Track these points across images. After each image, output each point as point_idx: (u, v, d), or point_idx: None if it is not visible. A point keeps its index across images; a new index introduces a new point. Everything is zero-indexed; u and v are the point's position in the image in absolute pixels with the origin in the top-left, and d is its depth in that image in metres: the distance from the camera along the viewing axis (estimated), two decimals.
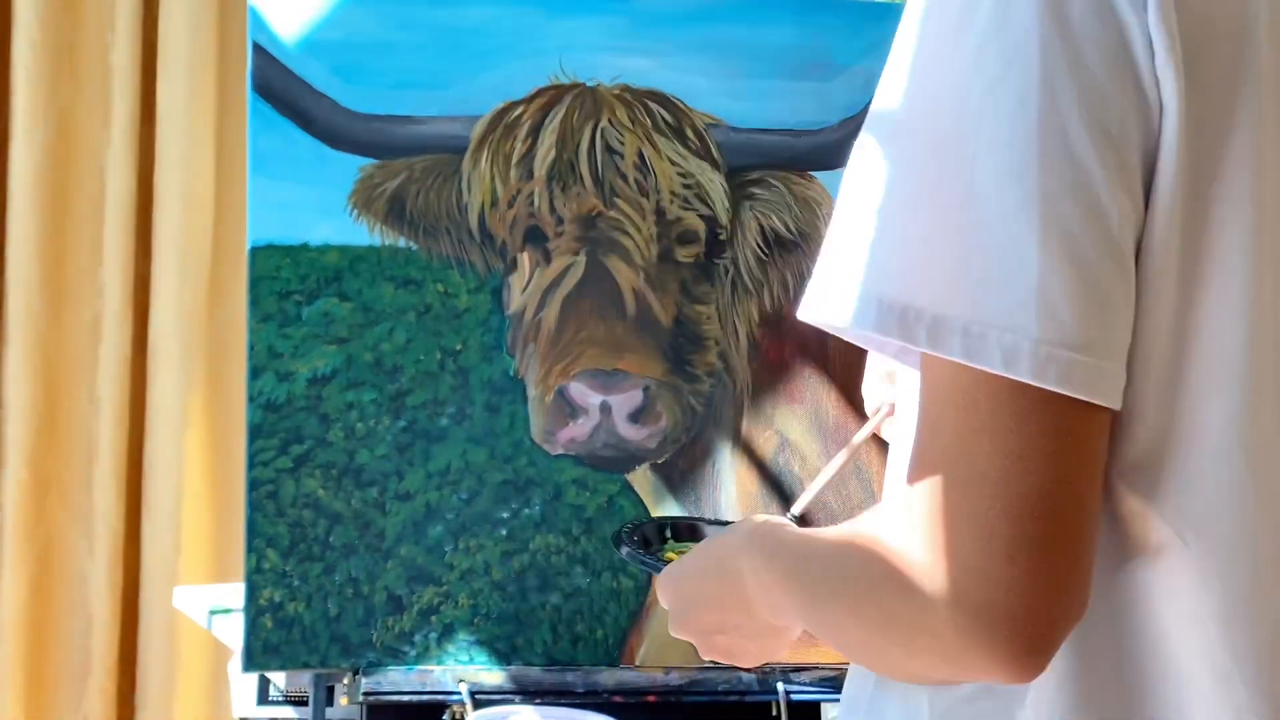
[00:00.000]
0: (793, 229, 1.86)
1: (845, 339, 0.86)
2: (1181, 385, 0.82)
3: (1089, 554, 0.79)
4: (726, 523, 1.32)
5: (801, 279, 1.86)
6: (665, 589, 1.09)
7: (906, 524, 0.80)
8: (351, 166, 1.80)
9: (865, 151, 0.84)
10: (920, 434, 0.81)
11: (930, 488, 0.79)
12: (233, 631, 1.92)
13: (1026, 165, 0.78)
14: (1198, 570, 0.82)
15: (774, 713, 1.76)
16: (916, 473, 0.81)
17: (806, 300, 0.84)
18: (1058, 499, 0.78)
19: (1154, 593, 0.83)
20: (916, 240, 0.79)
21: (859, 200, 0.82)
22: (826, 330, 0.85)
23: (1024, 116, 0.78)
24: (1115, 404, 0.80)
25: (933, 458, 0.80)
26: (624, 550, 1.29)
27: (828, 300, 0.82)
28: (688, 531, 1.34)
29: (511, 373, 1.78)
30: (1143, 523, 0.83)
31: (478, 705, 1.69)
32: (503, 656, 1.72)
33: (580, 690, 1.74)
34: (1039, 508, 0.78)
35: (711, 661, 1.72)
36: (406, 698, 1.71)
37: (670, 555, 1.26)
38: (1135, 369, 0.81)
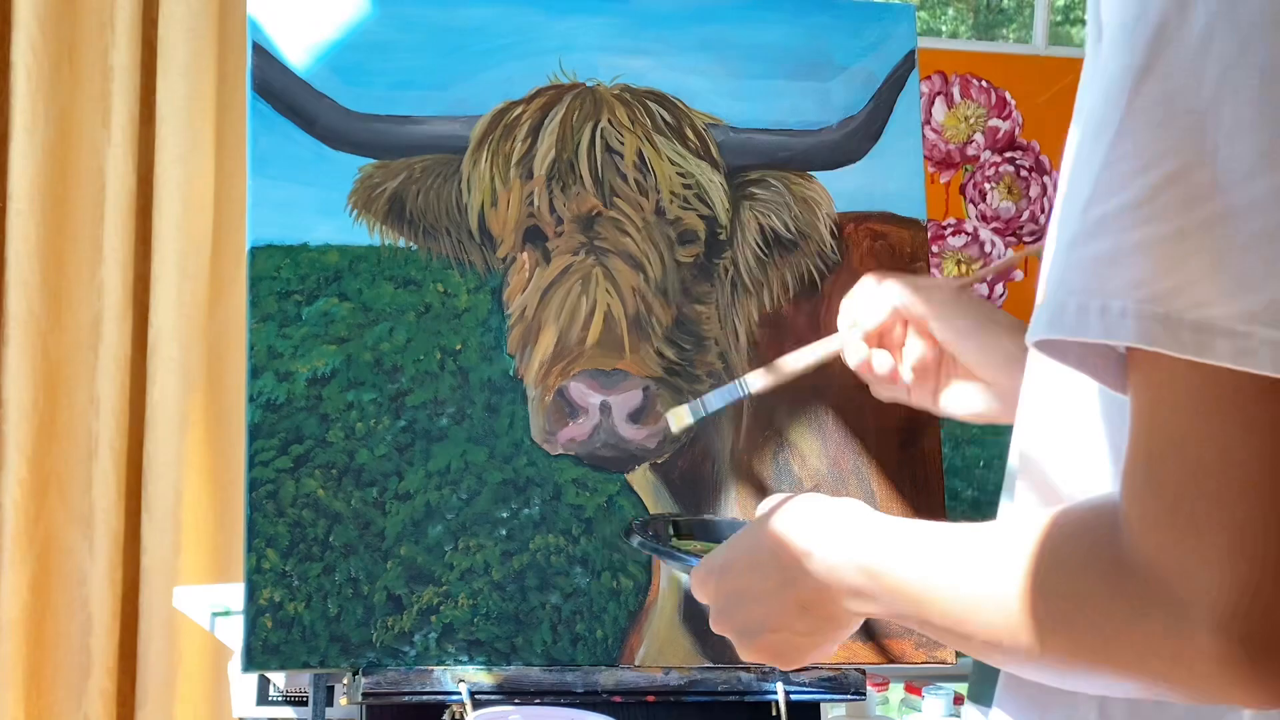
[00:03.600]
0: (792, 229, 1.86)
1: (1056, 359, 0.80)
2: None
3: None
4: (734, 521, 1.30)
5: (801, 279, 1.86)
6: (706, 583, 1.04)
7: (1141, 539, 0.75)
8: (351, 166, 1.80)
9: (1074, 165, 0.79)
10: (1149, 444, 0.75)
11: (1176, 502, 0.74)
12: (232, 631, 1.92)
13: (1276, 148, 0.73)
14: None
15: (774, 713, 1.76)
16: (1150, 487, 0.75)
17: (1041, 320, 0.78)
18: None
19: None
20: (1164, 242, 0.74)
21: (1090, 207, 0.77)
22: (1047, 351, 0.80)
23: (1268, 98, 0.73)
24: None
25: (1177, 470, 0.74)
26: (639, 541, 1.25)
27: (1069, 316, 0.76)
28: (695, 529, 1.32)
29: (511, 373, 1.78)
30: None
31: (477, 705, 1.69)
32: (502, 656, 1.72)
33: (580, 690, 1.74)
34: None
35: (725, 664, 1.72)
36: (406, 698, 1.71)
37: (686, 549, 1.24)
38: None
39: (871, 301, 1.32)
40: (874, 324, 1.32)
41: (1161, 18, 0.76)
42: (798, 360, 1.42)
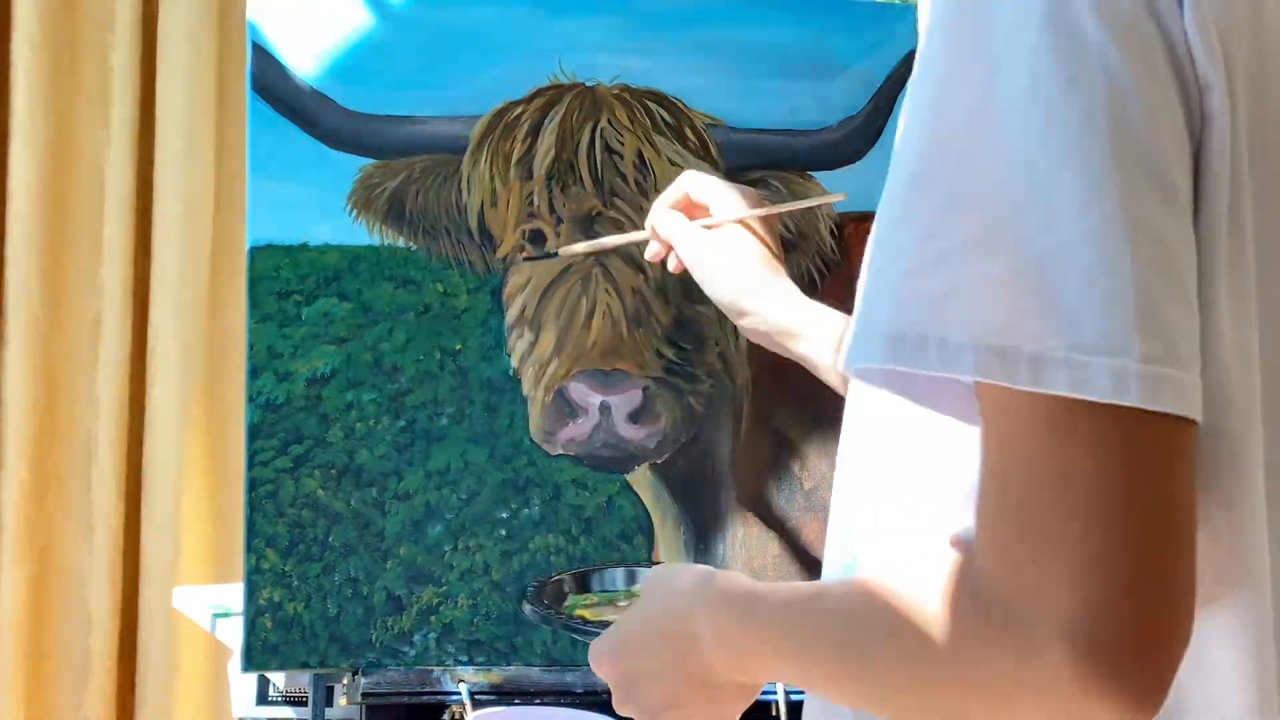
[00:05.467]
0: (792, 229, 1.86)
1: (869, 382, 0.82)
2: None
3: (1195, 578, 0.76)
4: (630, 569, 1.29)
5: (801, 279, 1.86)
6: (603, 663, 1.03)
7: (992, 565, 0.76)
8: (351, 166, 1.80)
9: (905, 194, 0.80)
10: (997, 472, 0.77)
11: (1024, 527, 0.75)
12: (232, 631, 1.92)
13: (1106, 180, 0.75)
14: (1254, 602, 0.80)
15: (773, 713, 1.76)
16: (999, 513, 0.76)
17: (873, 346, 0.79)
18: (1171, 522, 0.75)
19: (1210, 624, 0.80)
20: (1001, 277, 0.76)
21: (912, 247, 0.78)
22: (861, 378, 0.81)
23: (1095, 131, 0.75)
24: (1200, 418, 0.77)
25: (1023, 495, 0.76)
26: (530, 610, 1.23)
27: (908, 347, 0.77)
28: (589, 581, 1.30)
29: (511, 373, 1.78)
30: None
31: (477, 705, 1.69)
32: (502, 656, 1.72)
33: (580, 690, 1.74)
34: (1155, 533, 0.74)
35: None
36: (406, 698, 1.71)
37: (581, 612, 1.22)
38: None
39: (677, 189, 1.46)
40: (670, 198, 1.46)
41: (994, 52, 0.78)
42: (616, 239, 1.62)
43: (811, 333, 1.37)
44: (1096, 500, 0.74)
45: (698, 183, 1.46)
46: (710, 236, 1.42)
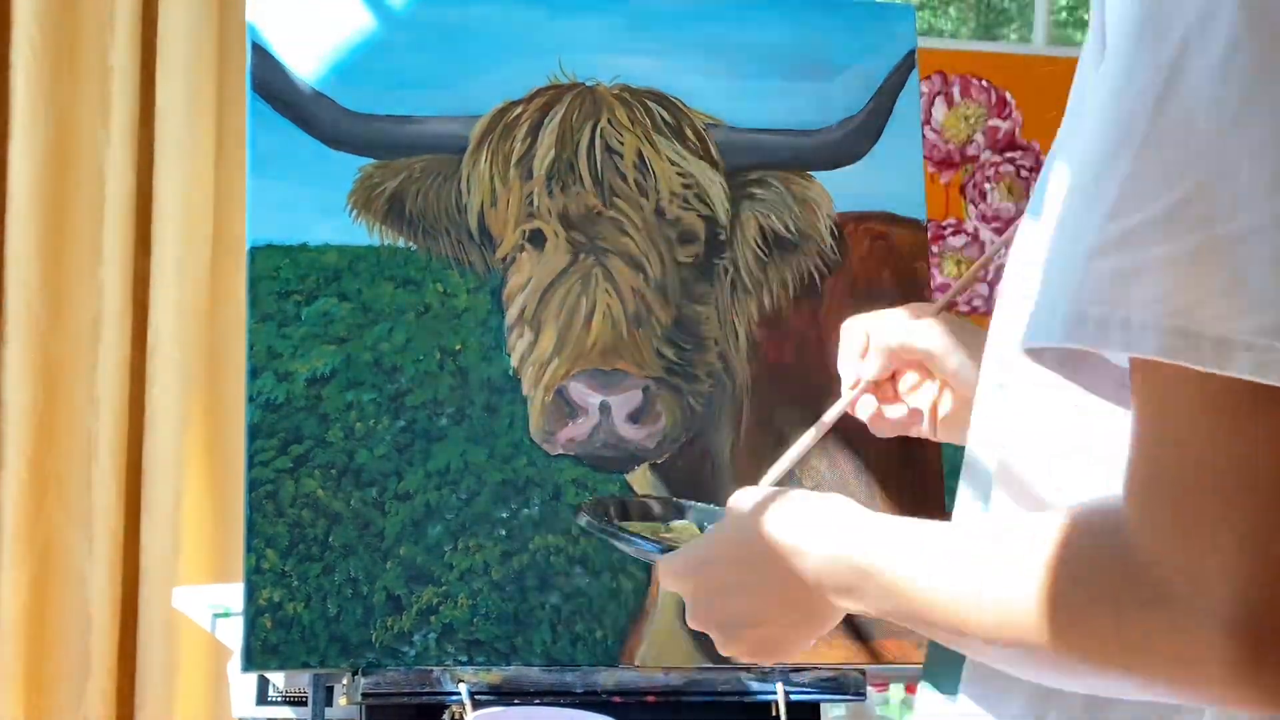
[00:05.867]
0: (792, 229, 1.86)
1: (1038, 362, 0.81)
2: None
3: None
4: (678, 502, 1.28)
5: (801, 279, 1.86)
6: (684, 576, 1.03)
7: (1146, 540, 0.76)
8: (351, 166, 1.80)
9: (1087, 175, 0.79)
10: (1157, 450, 0.76)
11: (1185, 504, 0.75)
12: (232, 631, 1.92)
13: None
14: None
15: (774, 713, 1.76)
16: (1157, 491, 0.76)
17: (1053, 326, 0.79)
18: None
19: None
20: (1186, 258, 0.75)
21: (1112, 220, 0.77)
22: (1036, 359, 0.81)
23: None
24: None
25: (1186, 474, 0.75)
26: (588, 522, 1.21)
27: (1089, 326, 0.77)
28: (637, 510, 1.29)
29: (511, 373, 1.78)
30: None
31: (477, 705, 1.69)
32: (502, 656, 1.72)
33: (580, 690, 1.74)
34: None
35: (725, 664, 1.72)
36: (406, 698, 1.71)
37: (639, 530, 1.21)
38: None
39: (869, 352, 1.32)
40: (876, 375, 1.31)
41: (1185, 32, 0.77)
42: (819, 432, 1.38)
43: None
44: (1262, 484, 0.73)
45: (900, 341, 1.31)
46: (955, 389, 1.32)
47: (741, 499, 1.05)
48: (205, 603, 2.04)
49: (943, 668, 0.97)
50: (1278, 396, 0.73)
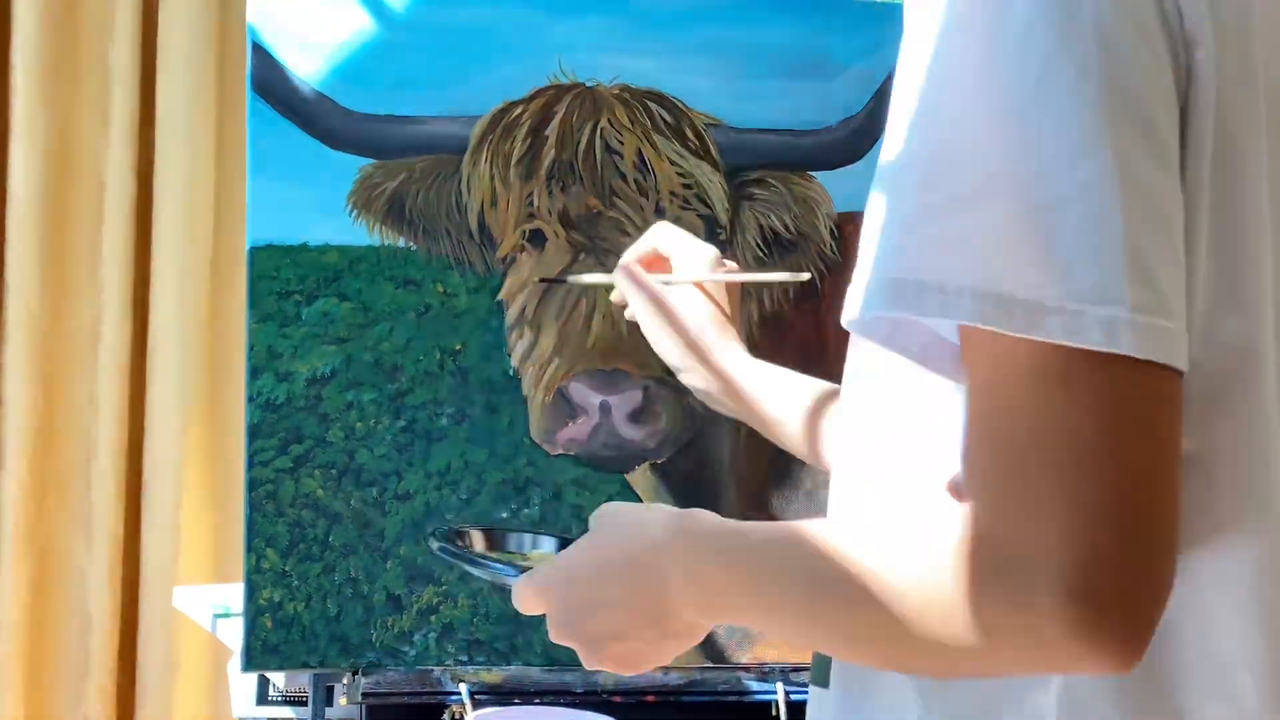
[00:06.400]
0: (792, 229, 1.86)
1: (852, 330, 0.83)
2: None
3: (1179, 528, 0.77)
4: (554, 535, 1.27)
5: None
6: (541, 593, 1.01)
7: (982, 512, 0.77)
8: (351, 166, 1.80)
9: (901, 149, 0.81)
10: (987, 420, 0.78)
11: (1015, 474, 0.76)
12: (232, 631, 1.92)
13: (1100, 134, 0.76)
14: (1252, 554, 0.81)
15: (773, 713, 1.76)
16: (991, 460, 0.77)
17: (858, 300, 0.81)
18: (1161, 471, 0.76)
19: (1207, 577, 0.81)
20: (998, 227, 0.77)
21: (910, 197, 0.80)
22: (852, 328, 0.83)
23: (1089, 86, 0.77)
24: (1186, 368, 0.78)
25: (1014, 443, 0.76)
26: (440, 548, 1.20)
27: (908, 293, 0.79)
28: (492, 540, 1.28)
29: (511, 373, 1.78)
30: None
31: (477, 705, 1.69)
32: (502, 656, 1.72)
33: (579, 690, 1.74)
34: (1145, 482, 0.75)
35: (725, 664, 1.72)
36: (406, 698, 1.71)
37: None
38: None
39: (644, 241, 1.41)
40: (633, 255, 1.40)
41: (985, 12, 0.79)
42: (591, 278, 1.56)
43: (760, 394, 1.34)
44: (1087, 449, 0.75)
45: (665, 237, 1.42)
46: (662, 293, 1.40)
47: (601, 512, 1.02)
48: (205, 602, 2.04)
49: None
50: (1096, 362, 0.75)
